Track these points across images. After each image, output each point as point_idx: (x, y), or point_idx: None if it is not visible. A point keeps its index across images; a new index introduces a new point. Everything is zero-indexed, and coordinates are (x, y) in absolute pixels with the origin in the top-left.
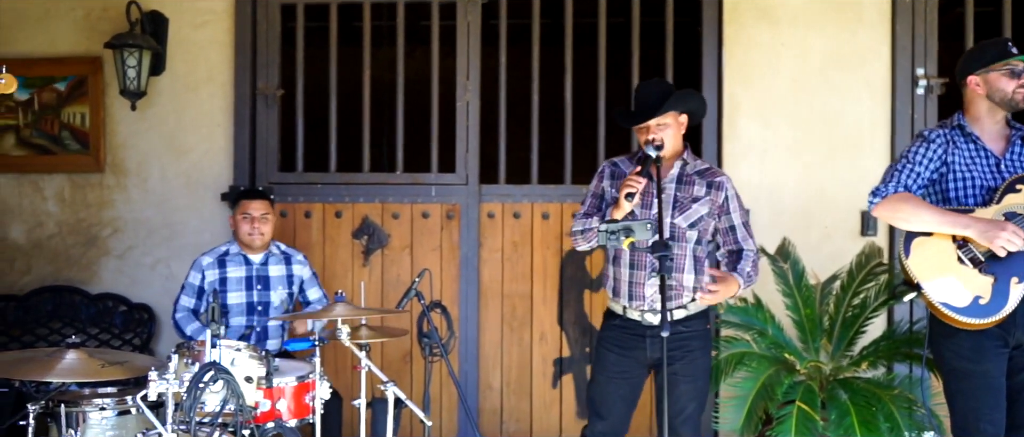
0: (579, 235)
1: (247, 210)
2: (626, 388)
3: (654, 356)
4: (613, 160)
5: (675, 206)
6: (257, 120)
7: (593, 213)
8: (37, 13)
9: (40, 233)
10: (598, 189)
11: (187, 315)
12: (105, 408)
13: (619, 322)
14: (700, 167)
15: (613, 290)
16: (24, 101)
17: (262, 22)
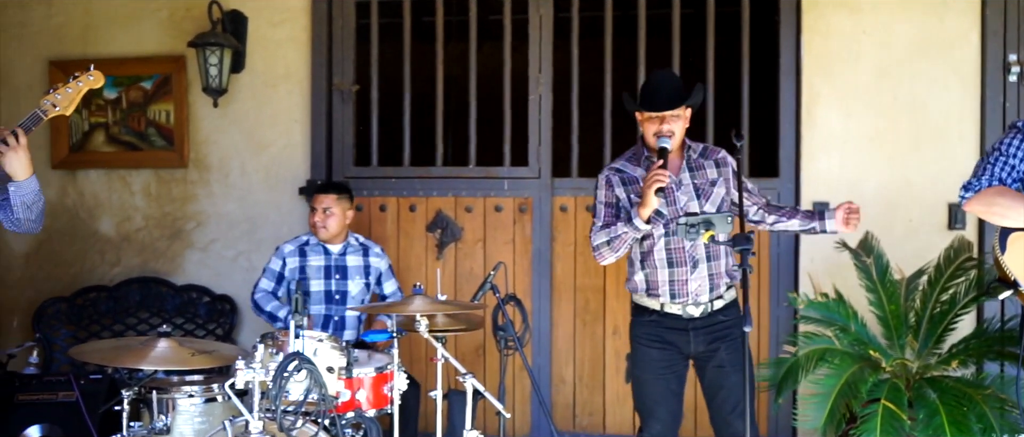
0: (606, 246)
1: (314, 203)
2: (674, 382)
3: (698, 348)
4: (613, 166)
5: (699, 194)
6: (333, 115)
7: (612, 223)
8: (124, 14)
9: (128, 226)
10: (611, 198)
11: (265, 295)
12: (193, 395)
13: (656, 317)
14: (699, 149)
15: (646, 289)
16: (113, 100)
17: (338, 19)
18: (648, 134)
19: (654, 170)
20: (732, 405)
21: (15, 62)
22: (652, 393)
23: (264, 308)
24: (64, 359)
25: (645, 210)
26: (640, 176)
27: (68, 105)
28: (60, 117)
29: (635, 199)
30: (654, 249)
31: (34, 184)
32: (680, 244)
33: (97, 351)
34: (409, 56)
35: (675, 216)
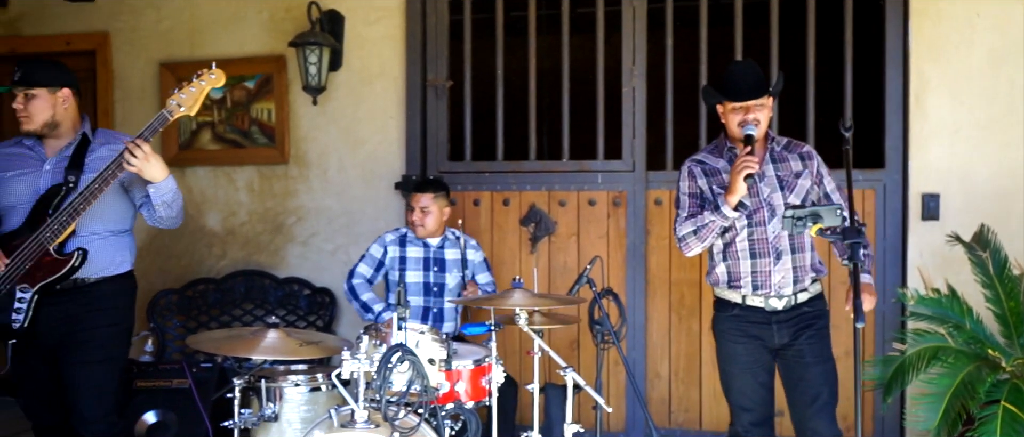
0: (692, 236)
1: (412, 201)
2: (763, 374)
3: (782, 341)
4: (695, 158)
5: (782, 186)
6: (427, 111)
7: (697, 213)
8: (228, 17)
9: (233, 221)
10: (694, 188)
11: (363, 283)
12: (299, 384)
13: (738, 310)
14: (783, 142)
15: (728, 281)
16: (218, 100)
17: (431, 16)
18: (731, 125)
19: (742, 156)
20: (811, 398)
21: (128, 65)
22: (741, 387)
23: (359, 296)
24: (175, 348)
25: (733, 197)
26: (722, 167)
27: (192, 104)
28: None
29: (718, 190)
30: (736, 240)
31: (171, 183)
32: (763, 235)
33: (211, 340)
34: (502, 51)
35: (757, 207)
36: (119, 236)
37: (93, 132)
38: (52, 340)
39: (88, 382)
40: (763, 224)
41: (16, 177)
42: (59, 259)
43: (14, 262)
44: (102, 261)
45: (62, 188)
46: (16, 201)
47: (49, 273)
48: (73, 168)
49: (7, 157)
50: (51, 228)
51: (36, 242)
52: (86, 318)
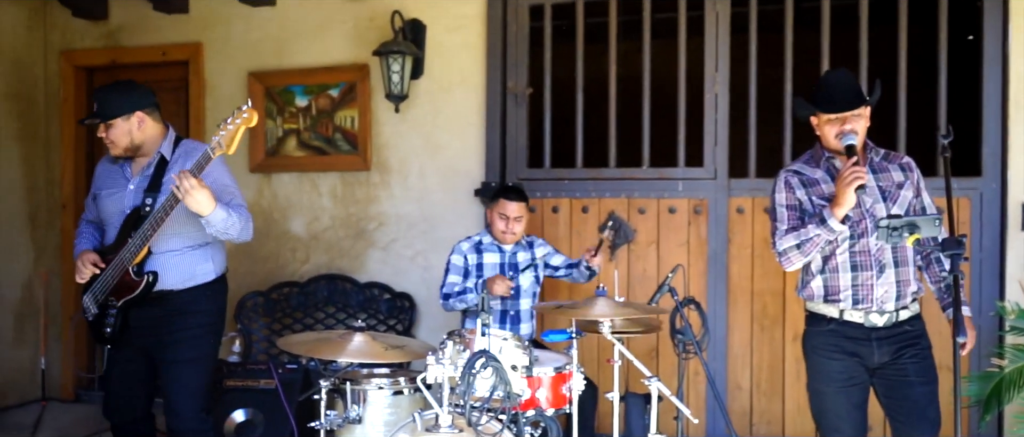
0: (795, 250)
1: (504, 210)
2: (858, 394)
3: (882, 359)
4: (790, 168)
5: (885, 197)
6: (507, 118)
7: (798, 225)
8: (313, 27)
9: (317, 226)
10: (792, 200)
11: (451, 287)
12: (382, 388)
13: (834, 326)
14: (881, 152)
15: (824, 295)
16: (304, 107)
17: (512, 24)
18: (828, 136)
19: (849, 167)
20: (917, 419)
21: (219, 74)
22: (834, 408)
23: (453, 294)
24: (260, 348)
25: (841, 209)
26: (821, 178)
27: (230, 144)
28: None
29: (818, 202)
30: (836, 253)
31: (218, 215)
32: (865, 247)
33: (302, 343)
34: (582, 57)
35: (859, 218)
36: (199, 249)
37: (177, 144)
38: (146, 341)
39: (179, 380)
40: (865, 236)
41: (109, 196)
42: (135, 280)
43: (105, 275)
44: (183, 275)
45: (140, 210)
46: (109, 219)
47: (128, 292)
48: (151, 189)
49: (107, 174)
50: (129, 250)
51: (119, 261)
52: (176, 320)
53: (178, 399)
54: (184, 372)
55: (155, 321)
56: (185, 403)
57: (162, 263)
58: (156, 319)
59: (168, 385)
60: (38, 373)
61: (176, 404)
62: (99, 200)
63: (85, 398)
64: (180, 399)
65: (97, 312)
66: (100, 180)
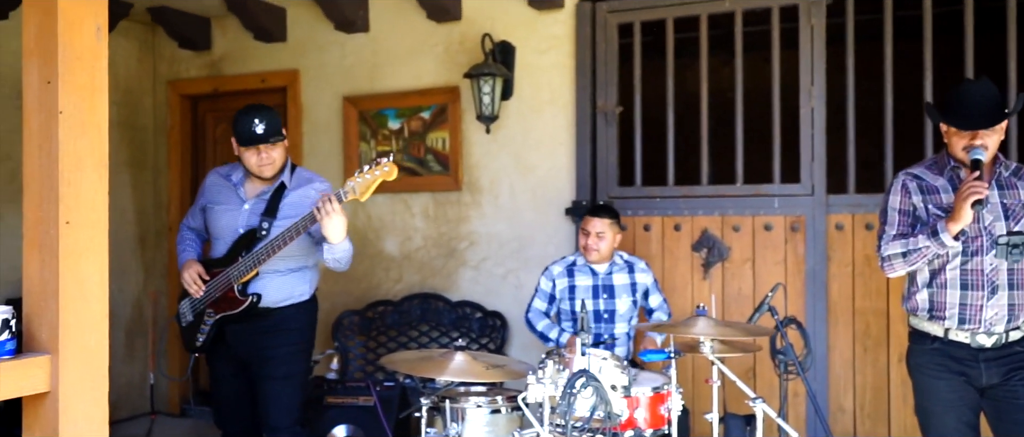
0: (899, 258)
1: (586, 226)
2: (968, 413)
3: (991, 380)
4: (910, 172)
5: (1007, 215)
6: (597, 137)
7: (908, 232)
8: (405, 51)
9: (409, 246)
10: (907, 205)
11: (537, 314)
12: (481, 406)
13: (938, 344)
14: (1012, 167)
15: (929, 312)
16: (396, 130)
17: (601, 43)
18: (956, 148)
19: (969, 181)
20: None
21: (315, 99)
22: (943, 429)
23: (536, 327)
24: (357, 366)
25: (956, 225)
26: (941, 186)
27: (364, 191)
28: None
29: (934, 211)
30: (946, 268)
31: (345, 246)
32: (978, 266)
33: (405, 361)
34: (672, 74)
35: (976, 235)
36: (299, 271)
37: (292, 170)
38: (243, 355)
39: (273, 394)
40: (980, 254)
41: (223, 211)
42: (239, 298)
43: (209, 287)
44: (282, 294)
45: (256, 232)
46: (220, 234)
47: (230, 308)
48: (268, 214)
49: (219, 188)
50: (239, 268)
51: (225, 277)
52: (270, 338)
53: (275, 414)
54: (280, 388)
55: (251, 336)
56: (282, 418)
57: (266, 283)
58: (252, 334)
59: (265, 400)
60: (147, 388)
61: (272, 418)
62: (210, 213)
63: (191, 412)
64: (277, 414)
65: (192, 320)
66: (211, 193)
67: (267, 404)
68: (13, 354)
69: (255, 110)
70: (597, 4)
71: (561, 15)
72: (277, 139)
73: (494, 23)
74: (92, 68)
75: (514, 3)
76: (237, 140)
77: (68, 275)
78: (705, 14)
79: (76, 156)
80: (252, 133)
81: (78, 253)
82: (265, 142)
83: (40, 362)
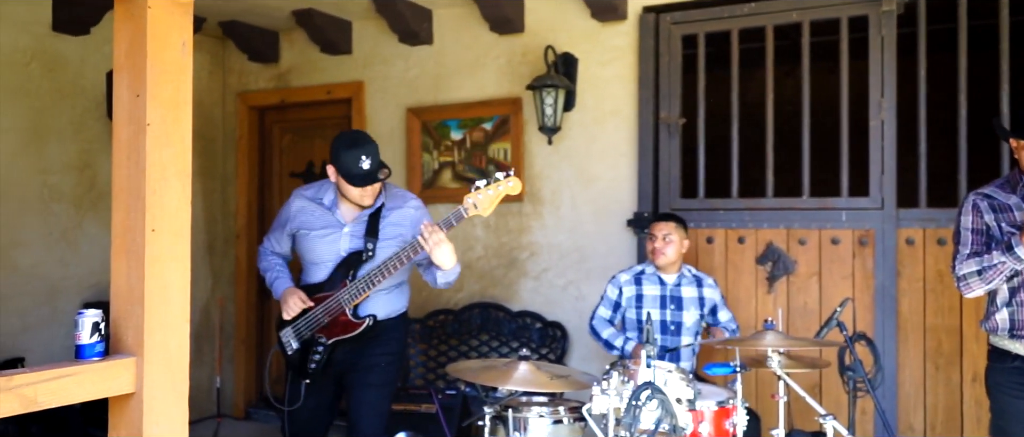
0: (976, 277)
1: (653, 230)
2: None
3: None
4: (981, 192)
5: None
6: (659, 148)
7: (982, 251)
8: (469, 63)
9: (470, 255)
10: (979, 224)
11: (602, 321)
12: (543, 416)
13: (1019, 363)
14: None
15: (1010, 330)
16: (458, 141)
17: (664, 55)
18: None
19: None
20: None
21: (379, 110)
22: None
23: (600, 334)
24: (418, 374)
25: None
26: (1015, 204)
27: (487, 206)
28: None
29: (1007, 228)
30: None
31: (455, 272)
32: None
33: (469, 369)
34: (737, 85)
35: None
36: (399, 287)
37: (385, 186)
38: (340, 367)
39: (368, 403)
40: None
41: (321, 237)
42: (354, 322)
43: (314, 312)
44: (385, 310)
45: (363, 255)
46: (320, 259)
47: (343, 331)
48: (370, 235)
49: (312, 214)
50: (349, 292)
51: (335, 301)
52: (369, 350)
53: (365, 421)
54: (373, 396)
55: (351, 351)
56: (371, 425)
57: (373, 302)
58: (352, 349)
59: (357, 407)
60: (214, 391)
61: (364, 426)
62: (305, 239)
63: (255, 416)
64: (368, 421)
65: (298, 347)
66: (303, 218)
67: (360, 412)
68: (102, 356)
69: (358, 145)
70: (660, 16)
71: (624, 27)
72: (385, 175)
73: (557, 35)
74: (177, 81)
75: (577, 15)
76: (343, 176)
77: (153, 281)
78: (771, 25)
79: (161, 166)
80: (359, 171)
81: (162, 259)
82: (375, 181)
83: (126, 364)
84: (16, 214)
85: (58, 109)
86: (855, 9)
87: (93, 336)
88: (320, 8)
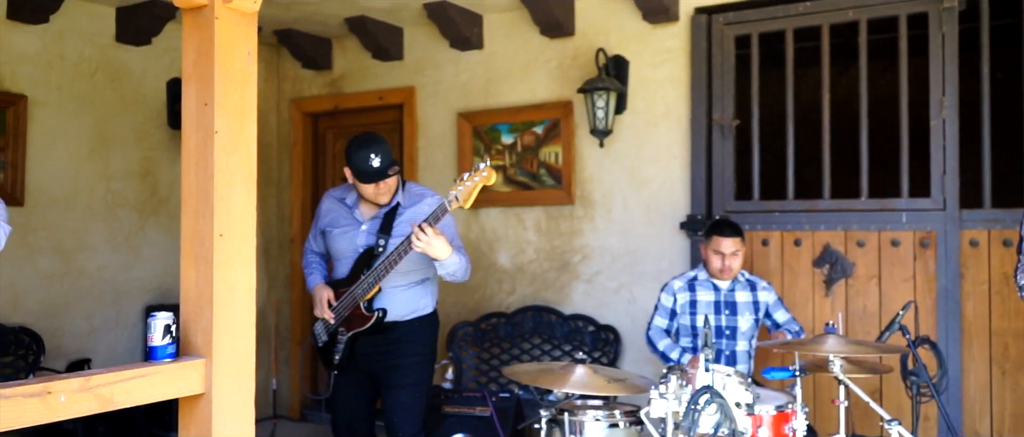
0: None
1: (719, 247)
2: None
3: None
4: None
5: None
6: (713, 150)
7: None
8: (519, 67)
9: (522, 259)
10: None
11: (659, 331)
12: (599, 420)
13: None
14: None
15: None
16: (510, 144)
17: (717, 55)
18: None
19: None
20: None
21: (431, 115)
22: None
23: (657, 346)
24: (471, 377)
25: None
26: None
27: (466, 198)
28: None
29: None
30: None
31: (453, 259)
32: None
33: (526, 372)
34: (792, 84)
35: None
36: (420, 284)
37: (404, 186)
38: (370, 367)
39: (399, 402)
40: None
41: (342, 234)
42: (366, 315)
43: (337, 307)
44: (405, 307)
45: (374, 250)
46: (341, 255)
47: (359, 325)
48: (383, 232)
49: (335, 211)
50: (362, 286)
51: (351, 296)
52: (397, 349)
53: (399, 421)
54: (405, 396)
55: (380, 349)
56: (405, 424)
57: (390, 297)
58: (380, 347)
59: (390, 408)
60: (270, 393)
61: (397, 425)
62: (330, 237)
63: (310, 417)
64: (401, 420)
65: (326, 340)
66: (330, 217)
67: (394, 412)
68: (173, 357)
69: (368, 144)
70: (713, 16)
71: (675, 28)
72: (394, 172)
73: (607, 37)
74: (243, 90)
75: (628, 18)
76: (355, 174)
77: (221, 284)
78: (826, 24)
79: (228, 173)
80: (370, 169)
81: (230, 263)
82: (384, 177)
83: (196, 365)
84: (82, 220)
85: (121, 118)
86: (915, 6)
87: (165, 338)
88: (372, 15)
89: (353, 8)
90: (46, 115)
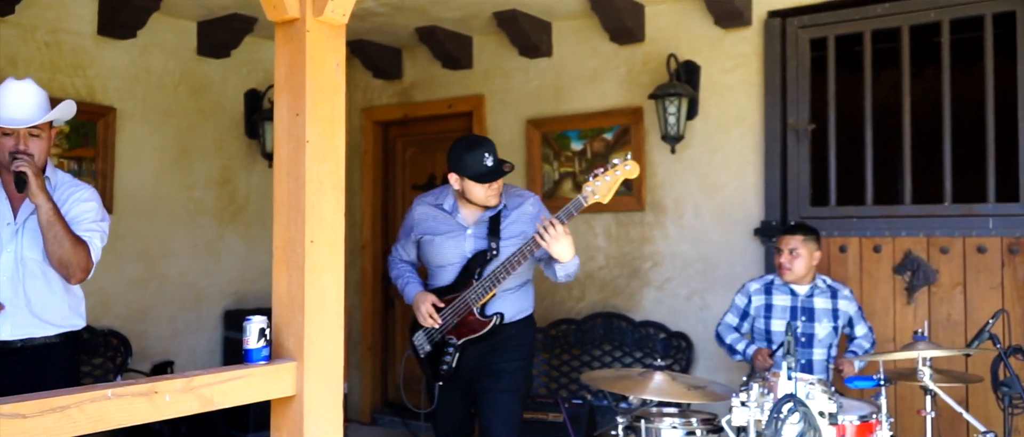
0: None
1: (780, 244)
2: None
3: None
4: None
5: None
6: (787, 155)
7: None
8: (589, 74)
9: (591, 265)
10: None
11: (727, 327)
12: (676, 428)
13: None
14: None
15: None
16: (579, 151)
17: (791, 59)
18: None
19: None
20: None
21: (500, 122)
22: None
23: (724, 340)
24: (541, 383)
25: None
26: None
27: (606, 193)
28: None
29: None
30: None
31: (575, 263)
32: None
33: (604, 378)
34: (870, 87)
35: None
36: (524, 287)
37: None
38: (470, 375)
39: (499, 408)
40: None
41: (445, 240)
42: (482, 320)
43: (445, 314)
44: (512, 310)
45: (487, 254)
46: (446, 261)
47: (472, 331)
48: (493, 235)
49: (435, 219)
50: (476, 291)
51: (463, 302)
52: (498, 354)
53: (498, 426)
54: (505, 401)
55: (480, 356)
56: (504, 430)
57: (500, 301)
58: (481, 355)
59: (488, 413)
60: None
61: (496, 431)
62: (429, 244)
63: (380, 422)
64: (500, 426)
65: (430, 349)
66: (427, 224)
67: (493, 416)
68: (267, 360)
69: (479, 144)
70: (787, 20)
71: (748, 33)
72: (509, 167)
73: (678, 43)
74: (332, 100)
75: (700, 23)
76: (470, 176)
77: (312, 289)
78: (906, 25)
79: (319, 181)
80: (485, 168)
81: (320, 269)
82: (502, 175)
83: (289, 368)
84: (165, 227)
85: (202, 128)
86: (1000, 5)
87: (259, 341)
88: (442, 25)
89: (423, 18)
90: (133, 126)
